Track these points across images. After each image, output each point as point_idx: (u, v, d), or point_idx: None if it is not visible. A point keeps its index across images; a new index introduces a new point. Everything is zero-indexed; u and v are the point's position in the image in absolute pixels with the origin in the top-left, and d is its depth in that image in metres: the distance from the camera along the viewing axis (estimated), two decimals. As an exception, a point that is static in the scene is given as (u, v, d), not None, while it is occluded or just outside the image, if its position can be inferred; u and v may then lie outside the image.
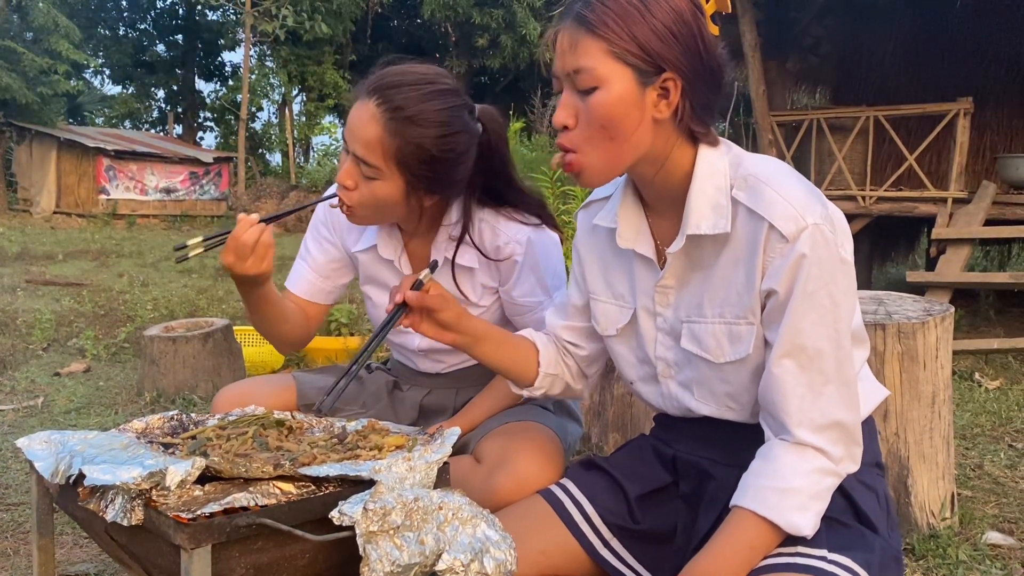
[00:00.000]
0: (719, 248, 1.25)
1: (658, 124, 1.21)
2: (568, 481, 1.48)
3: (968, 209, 5.94)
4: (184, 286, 7.40)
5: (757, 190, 1.20)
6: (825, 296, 1.17)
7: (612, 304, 1.43)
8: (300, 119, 22.83)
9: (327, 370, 2.01)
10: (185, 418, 1.44)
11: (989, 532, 2.18)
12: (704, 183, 1.24)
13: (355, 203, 1.58)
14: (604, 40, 1.16)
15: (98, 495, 1.14)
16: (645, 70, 1.17)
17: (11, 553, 2.05)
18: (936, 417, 2.13)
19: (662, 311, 1.34)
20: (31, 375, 3.99)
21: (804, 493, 1.16)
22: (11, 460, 2.71)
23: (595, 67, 1.17)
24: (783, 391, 1.19)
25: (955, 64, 7.24)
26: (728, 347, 1.26)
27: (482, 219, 1.70)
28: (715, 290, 1.26)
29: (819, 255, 1.16)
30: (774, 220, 1.17)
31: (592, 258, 1.46)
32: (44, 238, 12.31)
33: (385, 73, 1.56)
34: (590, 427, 2.65)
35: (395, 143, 1.51)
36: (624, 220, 1.35)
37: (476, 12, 20.11)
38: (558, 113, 1.22)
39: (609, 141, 1.20)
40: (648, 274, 1.35)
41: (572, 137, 1.22)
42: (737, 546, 1.17)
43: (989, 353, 4.68)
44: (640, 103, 1.18)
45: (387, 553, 1.05)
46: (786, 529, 1.16)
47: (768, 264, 1.19)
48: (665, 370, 1.37)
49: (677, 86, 1.18)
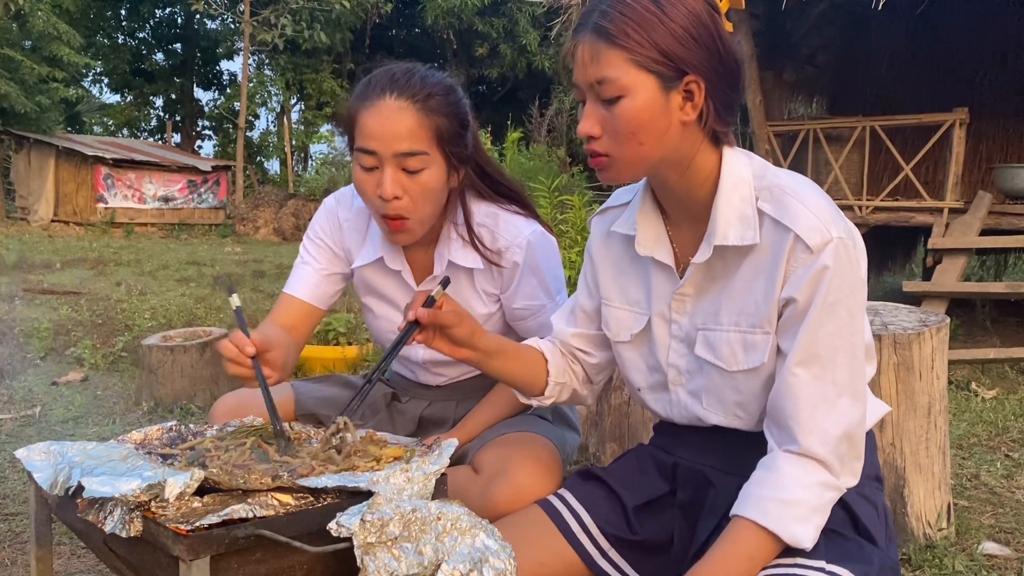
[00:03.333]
0: (741, 258, 1.26)
1: (685, 127, 1.22)
2: (566, 492, 1.48)
3: (964, 219, 5.96)
4: (182, 295, 7.40)
5: (783, 202, 1.21)
6: (844, 309, 1.18)
7: (626, 310, 1.43)
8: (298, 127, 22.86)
9: (325, 379, 2.01)
10: (183, 429, 1.44)
11: (985, 542, 2.19)
12: (730, 193, 1.25)
13: (412, 210, 1.58)
14: (625, 49, 1.17)
15: (97, 506, 1.14)
16: (668, 75, 1.18)
17: (9, 563, 2.05)
18: (932, 427, 2.14)
19: (678, 318, 1.35)
20: (28, 384, 3.99)
21: (806, 505, 1.16)
22: (9, 470, 2.71)
23: (619, 77, 1.18)
24: (795, 399, 1.19)
25: (951, 74, 7.28)
26: (742, 356, 1.27)
27: (481, 224, 1.71)
28: (734, 299, 1.27)
29: (841, 268, 1.17)
30: (800, 231, 1.18)
31: (606, 264, 1.46)
32: (42, 247, 12.31)
33: (379, 74, 1.59)
34: (588, 437, 2.65)
35: (431, 121, 1.55)
36: (643, 227, 1.35)
37: (478, 20, 20.18)
38: (583, 123, 1.23)
39: (639, 147, 1.21)
40: (666, 281, 1.35)
41: (603, 144, 1.23)
42: (737, 556, 1.17)
43: (985, 363, 4.69)
44: (666, 108, 1.19)
45: (385, 564, 1.05)
46: (786, 540, 1.16)
47: (790, 274, 1.20)
48: (676, 377, 1.37)
49: (701, 88, 1.19)
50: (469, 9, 19.77)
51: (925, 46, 7.41)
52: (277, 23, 18.66)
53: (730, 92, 1.23)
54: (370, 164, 1.56)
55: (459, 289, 1.75)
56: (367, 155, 1.55)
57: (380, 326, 1.85)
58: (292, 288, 1.80)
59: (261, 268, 10.25)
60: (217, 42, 23.78)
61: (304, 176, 20.57)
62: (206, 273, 9.30)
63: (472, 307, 1.75)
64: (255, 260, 11.51)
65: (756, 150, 7.13)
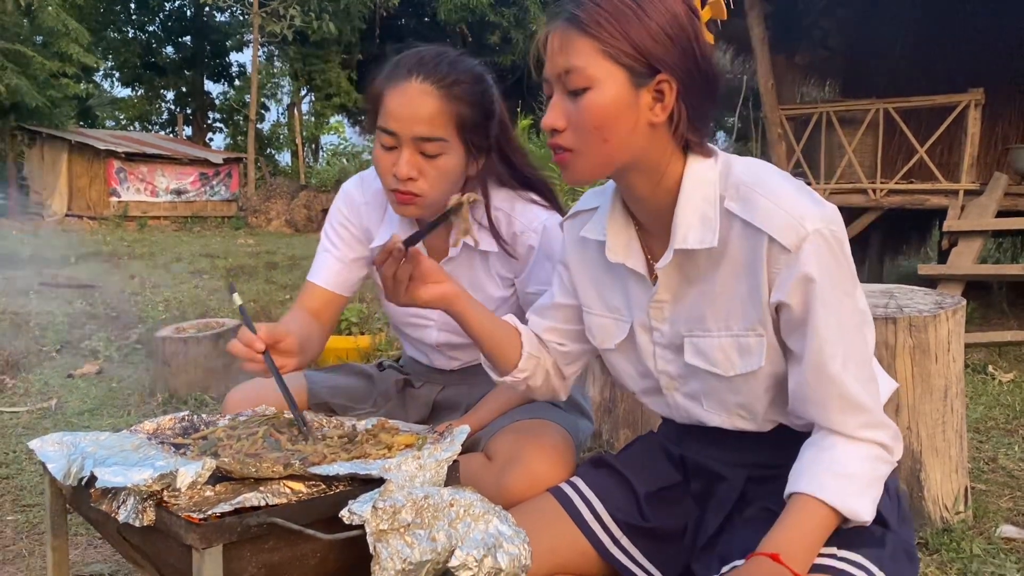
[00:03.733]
0: (715, 261, 1.23)
1: (653, 129, 1.18)
2: (578, 479, 1.48)
3: (980, 201, 5.90)
4: (195, 287, 7.43)
5: (750, 200, 1.18)
6: (840, 294, 1.16)
7: (608, 318, 1.40)
8: (308, 119, 22.88)
9: (338, 369, 2.01)
10: (196, 419, 1.45)
11: (1003, 525, 2.17)
12: (691, 194, 1.21)
13: (425, 191, 1.58)
14: (596, 39, 1.14)
15: (110, 496, 1.14)
16: (639, 71, 1.15)
17: (26, 554, 2.06)
18: (948, 411, 2.12)
19: (658, 325, 1.32)
20: (44, 377, 4.01)
21: (862, 479, 1.15)
22: (25, 462, 2.73)
23: (586, 67, 1.15)
24: (827, 391, 1.17)
25: (965, 55, 7.20)
26: (738, 360, 1.24)
27: (498, 207, 1.71)
28: (718, 304, 1.24)
29: (825, 264, 1.14)
30: (773, 232, 1.15)
31: (582, 270, 1.43)
32: (56, 241, 12.37)
33: (409, 55, 1.59)
34: (601, 423, 2.65)
35: (454, 108, 1.55)
36: (613, 234, 1.32)
37: (490, 11, 20.12)
38: (547, 115, 1.20)
39: (603, 143, 1.17)
40: (641, 289, 1.33)
41: (566, 138, 1.19)
42: (803, 529, 1.13)
43: (1003, 345, 4.66)
44: (634, 105, 1.16)
45: (398, 551, 1.05)
46: (846, 514, 1.14)
47: (774, 277, 1.17)
48: (669, 383, 1.36)
49: (672, 88, 1.16)
50: (483, 3, 19.73)
51: (938, 27, 7.32)
52: (286, 14, 18.64)
53: (704, 100, 1.20)
54: (390, 144, 1.57)
55: (474, 272, 1.75)
56: (387, 135, 1.57)
57: (395, 308, 1.85)
58: (315, 276, 1.82)
59: (274, 260, 10.28)
60: (227, 34, 23.79)
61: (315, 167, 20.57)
62: (219, 265, 9.33)
63: (487, 290, 1.75)
64: (268, 252, 11.55)
65: (769, 134, 7.09)
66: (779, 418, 1.29)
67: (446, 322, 1.79)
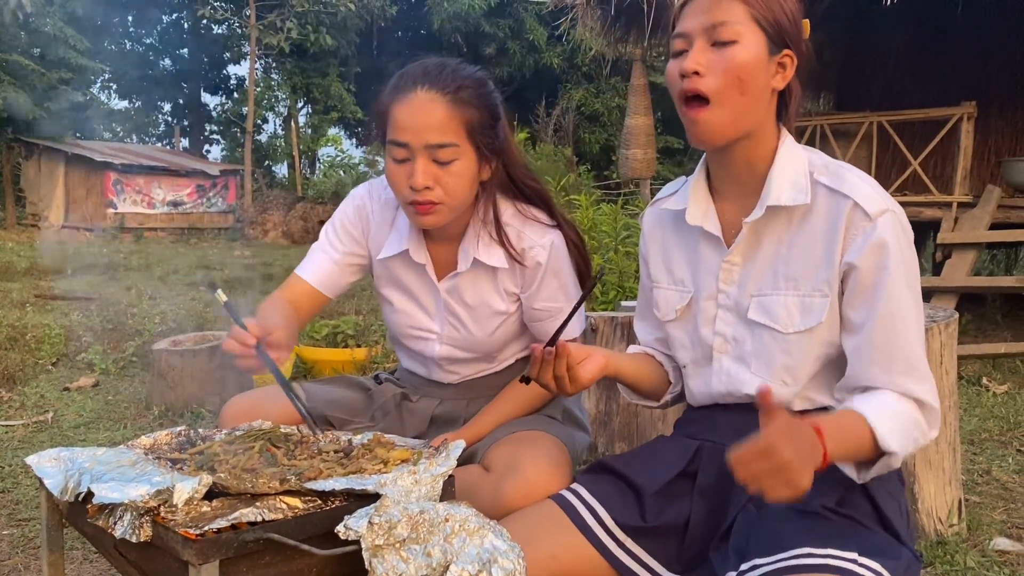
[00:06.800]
0: (792, 224, 1.34)
1: (772, 97, 1.33)
2: (578, 486, 1.48)
3: (973, 213, 5.93)
4: (192, 299, 7.43)
5: (839, 175, 1.32)
6: (909, 274, 1.27)
7: (672, 290, 1.51)
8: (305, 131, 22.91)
9: (335, 381, 2.01)
10: (192, 433, 1.45)
11: (997, 538, 2.18)
12: (785, 164, 1.35)
13: (443, 198, 1.61)
14: (746, 3, 1.29)
15: (107, 512, 1.15)
16: (775, 39, 1.30)
17: (22, 569, 2.06)
18: (941, 423, 2.13)
19: (725, 288, 1.41)
20: (41, 390, 4.01)
21: (900, 423, 1.22)
22: (21, 476, 2.72)
23: (738, 22, 1.28)
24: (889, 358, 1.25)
25: (958, 68, 7.24)
26: (799, 318, 1.33)
27: (507, 223, 1.73)
28: (791, 265, 1.34)
29: (900, 240, 1.26)
30: (858, 199, 1.27)
31: (656, 249, 1.55)
32: (53, 253, 12.36)
33: (412, 68, 1.63)
34: (597, 436, 2.65)
35: (462, 113, 1.58)
36: (694, 202, 1.44)
37: (484, 22, 20.18)
38: (690, 59, 1.29)
39: (741, 95, 1.29)
40: (713, 252, 1.43)
41: (707, 83, 1.29)
42: (843, 430, 1.18)
43: (996, 357, 4.67)
44: (767, 68, 1.30)
45: (393, 566, 1.06)
46: (879, 439, 1.18)
47: (850, 241, 1.28)
48: (722, 345, 1.42)
49: (792, 64, 1.32)
50: (476, 11, 19.78)
51: (932, 40, 7.37)
52: (283, 27, 18.69)
53: (804, 84, 1.36)
54: (402, 156, 1.59)
55: (481, 287, 1.77)
56: (399, 147, 1.59)
57: (398, 320, 1.86)
58: (304, 271, 1.82)
59: (270, 271, 10.27)
60: (224, 47, 23.84)
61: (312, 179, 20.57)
62: (216, 277, 9.33)
63: (492, 305, 1.77)
64: (264, 263, 11.55)
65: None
66: (816, 394, 1.36)
67: (449, 336, 1.80)
